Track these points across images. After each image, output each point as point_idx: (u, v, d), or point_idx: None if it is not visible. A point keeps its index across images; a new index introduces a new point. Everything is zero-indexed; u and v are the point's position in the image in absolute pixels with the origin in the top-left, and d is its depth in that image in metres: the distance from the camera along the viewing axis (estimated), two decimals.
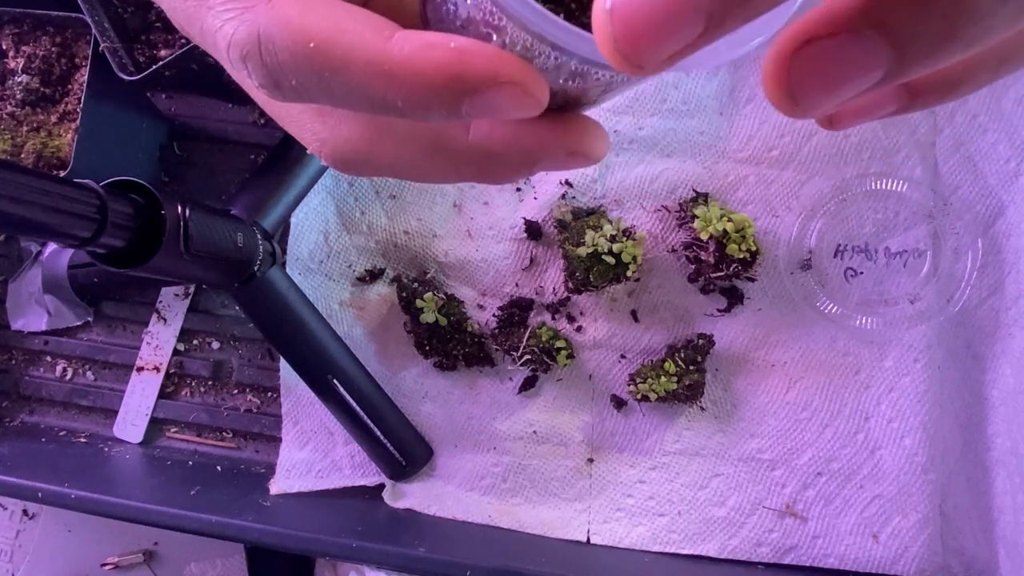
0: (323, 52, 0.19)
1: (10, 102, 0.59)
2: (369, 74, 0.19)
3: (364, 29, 0.19)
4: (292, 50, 0.19)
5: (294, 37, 0.19)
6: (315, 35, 0.19)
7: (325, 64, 0.19)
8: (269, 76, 0.20)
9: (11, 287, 0.67)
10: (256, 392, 0.65)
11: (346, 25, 0.19)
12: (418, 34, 0.19)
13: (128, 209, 0.40)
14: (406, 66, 0.18)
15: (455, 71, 0.18)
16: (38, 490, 0.53)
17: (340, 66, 0.19)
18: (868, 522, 0.57)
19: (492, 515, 0.59)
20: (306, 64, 0.19)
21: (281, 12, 0.19)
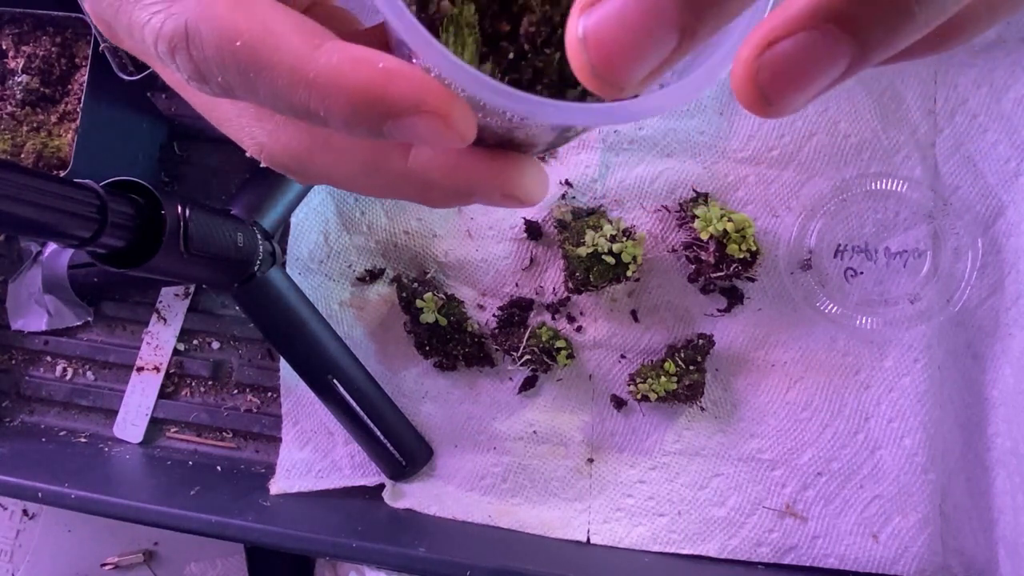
0: (249, 51, 0.19)
1: (10, 102, 0.59)
2: (293, 80, 0.19)
3: (294, 33, 0.19)
4: (218, 46, 0.19)
5: (221, 33, 0.19)
6: (242, 33, 0.19)
7: (250, 63, 0.19)
8: (196, 70, 0.20)
9: (11, 287, 0.67)
10: (256, 392, 0.65)
11: (276, 27, 0.19)
12: (349, 47, 0.18)
13: (128, 209, 0.40)
14: (329, 78, 0.18)
15: (378, 92, 0.18)
16: (38, 490, 0.53)
17: (265, 67, 0.19)
18: (868, 522, 0.57)
19: (492, 515, 0.59)
20: (232, 61, 0.19)
21: (210, 7, 0.19)
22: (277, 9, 0.19)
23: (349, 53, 0.18)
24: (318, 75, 0.18)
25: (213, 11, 0.19)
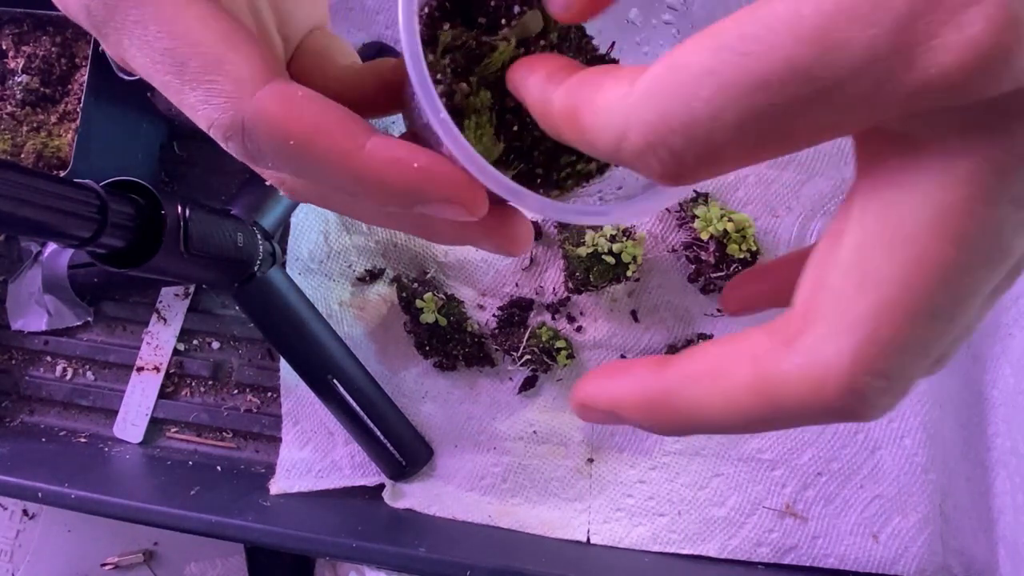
0: (301, 150, 0.21)
1: (10, 102, 0.59)
2: (339, 174, 0.21)
3: (341, 134, 0.21)
4: (273, 144, 0.21)
5: (275, 134, 0.21)
6: (295, 134, 0.21)
7: (302, 159, 0.21)
8: (248, 156, 0.22)
9: (11, 287, 0.67)
10: (256, 392, 0.65)
11: (325, 127, 0.21)
12: (389, 145, 0.21)
13: (128, 209, 0.40)
14: (374, 174, 0.21)
15: (415, 186, 0.21)
16: (38, 490, 0.53)
17: (314, 163, 0.21)
18: (868, 522, 0.57)
19: (492, 515, 0.59)
20: (284, 156, 0.21)
21: (264, 108, 0.21)
22: (325, 107, 0.21)
23: (390, 153, 0.21)
24: (363, 172, 0.21)
25: (268, 112, 0.21)
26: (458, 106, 0.23)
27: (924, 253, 0.15)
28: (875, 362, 0.16)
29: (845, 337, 0.16)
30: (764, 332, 0.18)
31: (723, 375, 0.18)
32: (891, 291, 0.16)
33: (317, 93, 0.22)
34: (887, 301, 0.16)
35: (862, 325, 0.16)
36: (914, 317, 0.16)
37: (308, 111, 0.21)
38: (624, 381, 0.20)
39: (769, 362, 0.17)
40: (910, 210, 0.15)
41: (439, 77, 0.22)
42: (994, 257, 0.15)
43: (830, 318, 0.16)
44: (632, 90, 0.16)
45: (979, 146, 0.15)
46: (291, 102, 0.21)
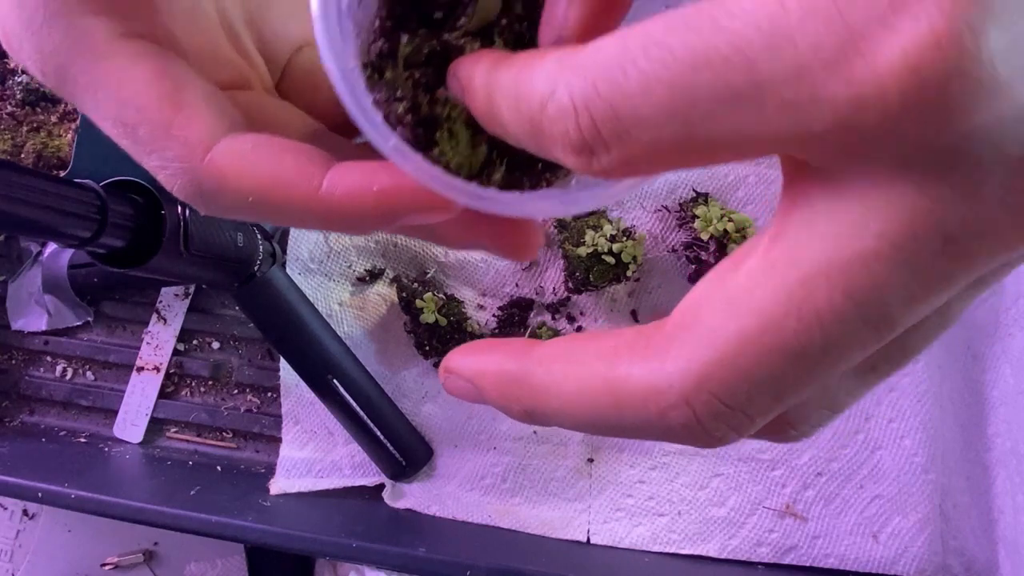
0: (260, 203, 0.21)
1: (10, 102, 0.59)
2: (304, 217, 0.21)
3: (296, 179, 0.20)
4: (231, 202, 0.21)
5: (232, 193, 0.21)
6: (251, 190, 0.21)
7: (263, 210, 0.21)
8: (209, 211, 0.22)
9: (11, 287, 0.67)
10: (256, 392, 0.65)
11: (279, 177, 0.21)
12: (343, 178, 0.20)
13: (128, 209, 0.40)
14: (336, 211, 0.21)
15: (381, 210, 0.20)
16: (38, 490, 0.53)
17: (276, 212, 0.21)
18: (868, 522, 0.57)
19: (492, 515, 0.59)
20: (246, 210, 0.21)
21: (217, 168, 0.21)
22: (278, 154, 0.21)
23: (348, 184, 0.20)
24: (324, 211, 0.20)
25: (221, 174, 0.21)
26: (427, 117, 0.22)
27: (806, 300, 0.15)
28: (719, 384, 0.16)
29: (699, 352, 0.16)
30: (635, 332, 0.18)
31: (581, 363, 0.18)
32: (760, 324, 0.15)
33: (269, 138, 0.21)
34: (753, 332, 0.15)
35: (719, 347, 0.15)
36: (772, 356, 0.15)
37: (261, 165, 0.21)
38: (490, 355, 0.20)
39: (624, 361, 0.17)
40: (809, 254, 0.15)
41: (399, 94, 0.22)
42: (873, 324, 0.15)
43: (695, 333, 0.16)
44: (563, 57, 0.16)
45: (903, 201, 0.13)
46: (242, 159, 0.21)
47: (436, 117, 0.22)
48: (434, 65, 0.22)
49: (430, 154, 0.22)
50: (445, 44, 0.22)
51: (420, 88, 0.22)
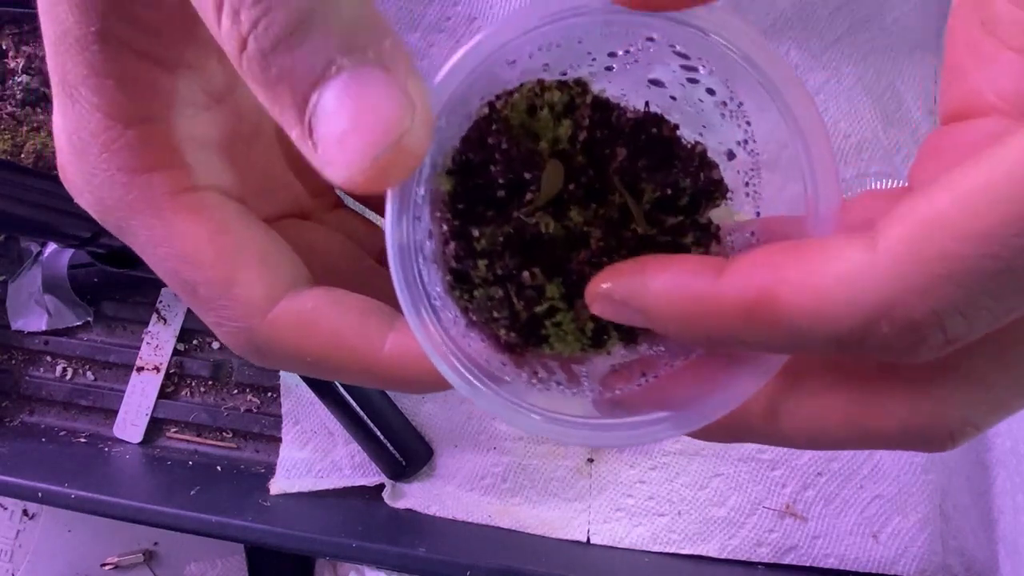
0: (319, 364, 0.21)
1: (10, 102, 0.59)
2: (361, 378, 0.21)
3: (358, 341, 0.20)
4: (290, 363, 0.21)
5: (291, 354, 0.20)
6: (311, 352, 0.20)
7: (322, 371, 0.21)
8: (265, 366, 0.22)
9: (11, 287, 0.67)
10: (256, 392, 0.65)
11: (340, 340, 0.20)
12: (405, 343, 0.20)
13: None
14: (395, 376, 0.20)
15: (435, 378, 0.20)
16: (38, 490, 0.53)
17: (335, 373, 0.21)
18: (868, 522, 0.57)
19: (492, 515, 0.59)
20: (304, 370, 0.21)
21: (275, 331, 0.20)
22: (341, 314, 0.21)
23: (410, 352, 0.20)
24: (383, 374, 0.20)
25: (281, 338, 0.20)
26: (529, 320, 0.21)
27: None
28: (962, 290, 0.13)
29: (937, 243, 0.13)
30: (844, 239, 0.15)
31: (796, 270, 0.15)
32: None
33: (333, 295, 0.21)
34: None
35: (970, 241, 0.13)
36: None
37: (322, 326, 0.20)
38: (664, 274, 0.17)
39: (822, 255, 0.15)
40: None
41: (495, 313, 0.21)
42: None
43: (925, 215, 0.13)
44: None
45: None
46: (303, 321, 0.20)
47: (536, 317, 0.21)
48: (512, 250, 0.21)
49: (535, 351, 0.21)
50: (519, 225, 0.21)
51: (508, 283, 0.21)
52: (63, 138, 0.20)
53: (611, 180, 0.21)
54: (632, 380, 0.21)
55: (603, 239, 0.21)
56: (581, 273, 0.21)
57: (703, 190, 0.21)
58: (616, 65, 0.21)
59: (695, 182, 0.21)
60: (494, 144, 0.20)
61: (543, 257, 0.21)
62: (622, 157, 0.21)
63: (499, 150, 0.20)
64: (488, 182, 0.21)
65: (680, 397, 0.20)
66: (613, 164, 0.21)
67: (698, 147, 0.22)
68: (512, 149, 0.20)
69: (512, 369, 0.21)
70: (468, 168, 0.21)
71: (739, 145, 0.22)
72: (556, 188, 0.21)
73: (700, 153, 0.22)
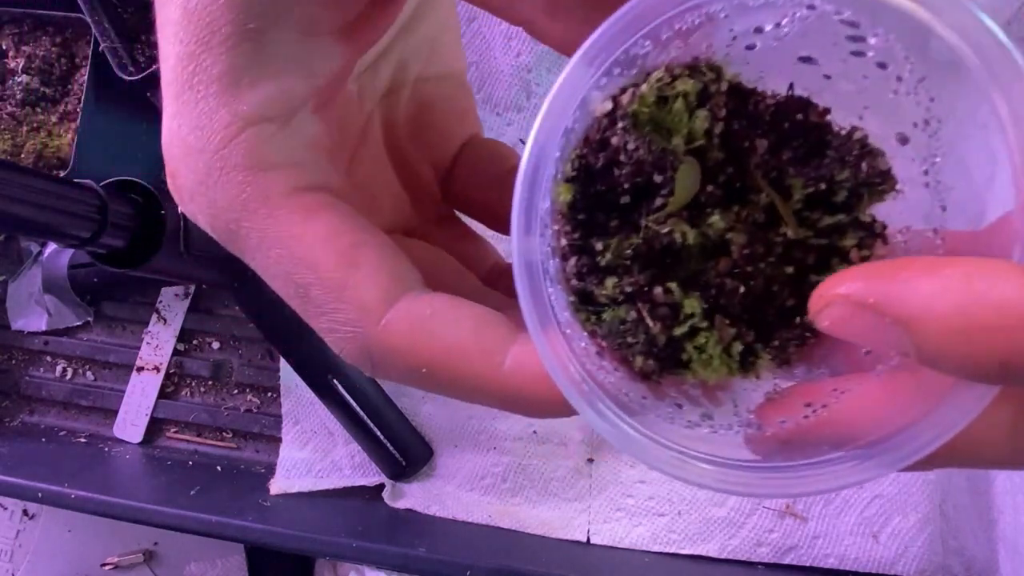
0: (434, 376, 0.19)
1: (10, 102, 0.59)
2: (478, 396, 0.19)
3: (477, 354, 0.19)
4: (404, 372, 0.20)
5: (407, 364, 0.19)
6: (427, 361, 0.19)
7: (436, 384, 0.19)
8: (378, 377, 0.21)
9: (11, 287, 0.67)
10: (256, 392, 0.65)
11: (458, 350, 0.19)
12: (527, 360, 0.19)
13: (128, 209, 0.40)
14: (514, 396, 0.19)
15: (558, 402, 0.18)
16: (38, 490, 0.53)
17: (451, 387, 0.19)
18: (868, 522, 0.57)
19: (492, 515, 0.59)
20: (418, 382, 0.20)
21: (392, 339, 0.19)
22: (459, 323, 0.19)
23: (531, 370, 0.18)
24: (501, 394, 0.19)
25: (395, 345, 0.19)
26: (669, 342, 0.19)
27: None
28: None
29: None
30: None
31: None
32: None
33: (452, 302, 0.20)
34: None
35: None
36: None
37: (439, 334, 0.19)
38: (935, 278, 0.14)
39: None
40: None
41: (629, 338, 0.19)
42: None
43: None
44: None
45: None
46: (419, 327, 0.19)
47: (675, 340, 0.19)
48: (642, 264, 0.19)
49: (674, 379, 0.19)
50: (649, 235, 0.18)
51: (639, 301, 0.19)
52: (177, 139, 0.20)
53: (753, 177, 0.19)
54: (795, 411, 0.18)
55: (747, 246, 0.18)
56: (721, 287, 0.19)
57: (865, 182, 0.19)
58: (759, 43, 0.18)
59: (854, 173, 0.18)
60: (619, 144, 0.18)
61: (678, 270, 0.19)
62: (763, 150, 0.18)
63: (625, 151, 0.18)
64: (611, 187, 0.18)
65: (866, 428, 0.17)
66: (754, 159, 0.19)
67: (856, 132, 0.19)
68: (640, 148, 0.18)
69: (652, 402, 0.19)
70: (589, 174, 0.18)
71: (917, 127, 0.19)
72: (693, 190, 0.18)
73: (860, 139, 0.19)
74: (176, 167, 0.20)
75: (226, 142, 0.19)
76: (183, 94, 0.19)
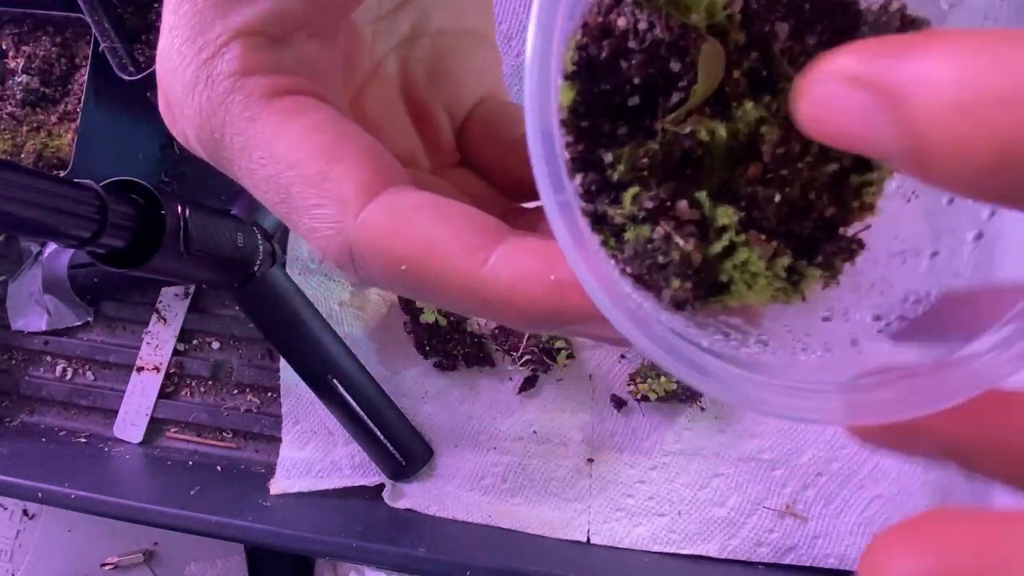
0: (414, 275, 0.18)
1: (10, 102, 0.59)
2: (461, 297, 0.18)
3: (457, 250, 0.18)
4: (383, 271, 0.19)
5: (384, 259, 0.18)
6: (405, 258, 0.18)
7: (417, 283, 0.18)
8: (362, 282, 0.20)
9: (11, 287, 0.67)
10: (256, 392, 0.65)
11: (438, 245, 0.18)
12: (516, 257, 0.17)
13: (128, 209, 0.40)
14: (499, 298, 0.17)
15: (552, 307, 0.17)
16: (38, 490, 0.53)
17: (431, 287, 0.18)
18: (868, 522, 0.57)
19: (492, 515, 0.59)
20: (398, 282, 0.19)
21: (370, 232, 0.18)
22: (441, 217, 0.18)
23: (517, 267, 0.17)
24: (484, 294, 0.17)
25: (374, 236, 0.18)
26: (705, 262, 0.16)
27: None
28: None
29: None
30: None
31: None
32: None
33: (435, 199, 0.19)
34: None
35: None
36: None
37: (419, 227, 0.18)
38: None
39: None
40: None
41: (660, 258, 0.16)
42: None
43: None
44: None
45: None
46: (398, 219, 0.18)
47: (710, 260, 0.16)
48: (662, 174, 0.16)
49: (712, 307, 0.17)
50: (666, 140, 0.16)
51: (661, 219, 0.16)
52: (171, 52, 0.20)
53: (779, 63, 0.16)
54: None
55: (781, 144, 0.16)
56: (753, 197, 0.16)
57: None
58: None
59: None
60: (627, 27, 0.15)
61: (701, 180, 0.16)
62: (785, 34, 0.16)
63: (635, 34, 0.15)
64: (618, 86, 0.16)
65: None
66: (777, 44, 0.16)
67: (894, 3, 0.16)
68: (656, 26, 0.15)
69: (696, 333, 0.17)
70: (591, 68, 0.16)
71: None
72: (719, 77, 0.16)
73: (899, 10, 0.16)
74: (169, 81, 0.20)
75: (215, 51, 0.19)
76: (181, 6, 0.20)
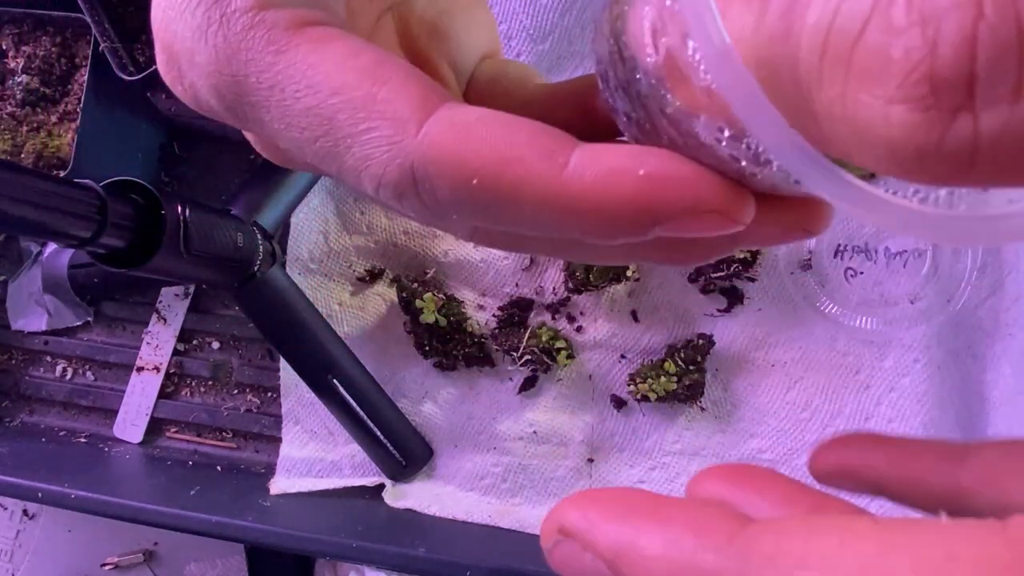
0: (488, 188, 0.16)
1: (10, 102, 0.59)
2: (542, 210, 0.16)
3: (533, 156, 0.16)
4: (452, 188, 0.17)
5: (453, 173, 0.17)
6: (477, 169, 0.16)
7: (491, 200, 0.17)
8: (428, 213, 0.18)
9: (11, 287, 0.67)
10: (256, 392, 0.65)
11: (512, 153, 0.16)
12: (598, 156, 0.16)
13: (128, 209, 0.40)
14: (586, 200, 0.16)
15: (645, 203, 0.16)
16: (38, 490, 0.53)
17: (508, 201, 0.17)
18: None
19: (492, 515, 0.59)
20: (469, 201, 0.17)
21: (435, 144, 0.17)
22: (507, 126, 0.17)
23: (602, 166, 0.16)
24: (570, 201, 0.16)
25: (440, 148, 0.17)
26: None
27: None
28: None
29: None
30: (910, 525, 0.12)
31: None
32: None
33: (494, 111, 0.17)
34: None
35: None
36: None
37: (489, 136, 0.16)
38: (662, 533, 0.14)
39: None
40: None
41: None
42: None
43: None
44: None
45: None
46: (465, 130, 0.17)
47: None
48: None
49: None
50: None
51: None
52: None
53: None
54: None
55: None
56: None
57: None
58: None
59: None
60: None
61: None
62: None
63: None
64: None
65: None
66: None
67: None
68: None
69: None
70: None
71: None
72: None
73: None
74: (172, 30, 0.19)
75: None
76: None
